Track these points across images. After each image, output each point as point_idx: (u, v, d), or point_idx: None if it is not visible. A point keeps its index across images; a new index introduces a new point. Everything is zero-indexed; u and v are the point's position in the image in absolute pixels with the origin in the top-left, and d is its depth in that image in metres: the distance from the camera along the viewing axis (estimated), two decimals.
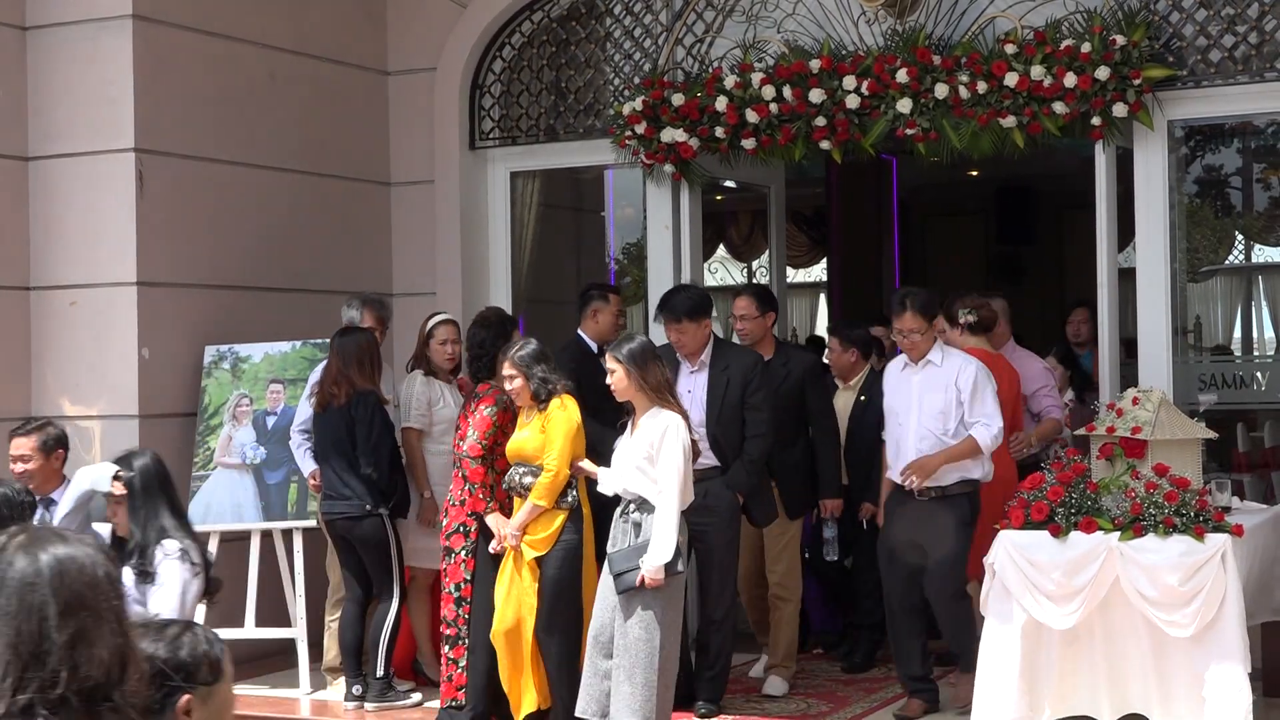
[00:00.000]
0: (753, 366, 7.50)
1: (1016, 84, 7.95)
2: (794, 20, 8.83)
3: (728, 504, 7.36)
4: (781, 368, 7.88)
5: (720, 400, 7.39)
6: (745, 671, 8.25)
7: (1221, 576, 6.33)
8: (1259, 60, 7.99)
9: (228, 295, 8.77)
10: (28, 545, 2.31)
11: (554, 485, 6.82)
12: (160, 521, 5.49)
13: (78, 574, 2.29)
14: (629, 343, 6.67)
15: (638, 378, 6.51)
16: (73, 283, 8.48)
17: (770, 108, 8.56)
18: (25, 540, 2.32)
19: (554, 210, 10.50)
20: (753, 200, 12.93)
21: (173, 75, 8.51)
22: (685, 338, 7.45)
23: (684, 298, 7.56)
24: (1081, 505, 6.61)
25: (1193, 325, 12.13)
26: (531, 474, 6.87)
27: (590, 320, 8.14)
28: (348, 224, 9.58)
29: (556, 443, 6.81)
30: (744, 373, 7.44)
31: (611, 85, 9.47)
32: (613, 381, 6.61)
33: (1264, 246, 13.94)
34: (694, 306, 7.46)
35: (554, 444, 6.81)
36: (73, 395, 8.49)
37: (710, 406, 7.38)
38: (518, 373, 6.84)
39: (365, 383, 7.62)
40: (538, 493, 6.83)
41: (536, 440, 6.88)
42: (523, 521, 6.87)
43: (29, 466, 6.67)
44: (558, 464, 6.81)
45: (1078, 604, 6.50)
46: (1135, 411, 6.87)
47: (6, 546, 2.31)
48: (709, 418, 7.36)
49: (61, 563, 2.28)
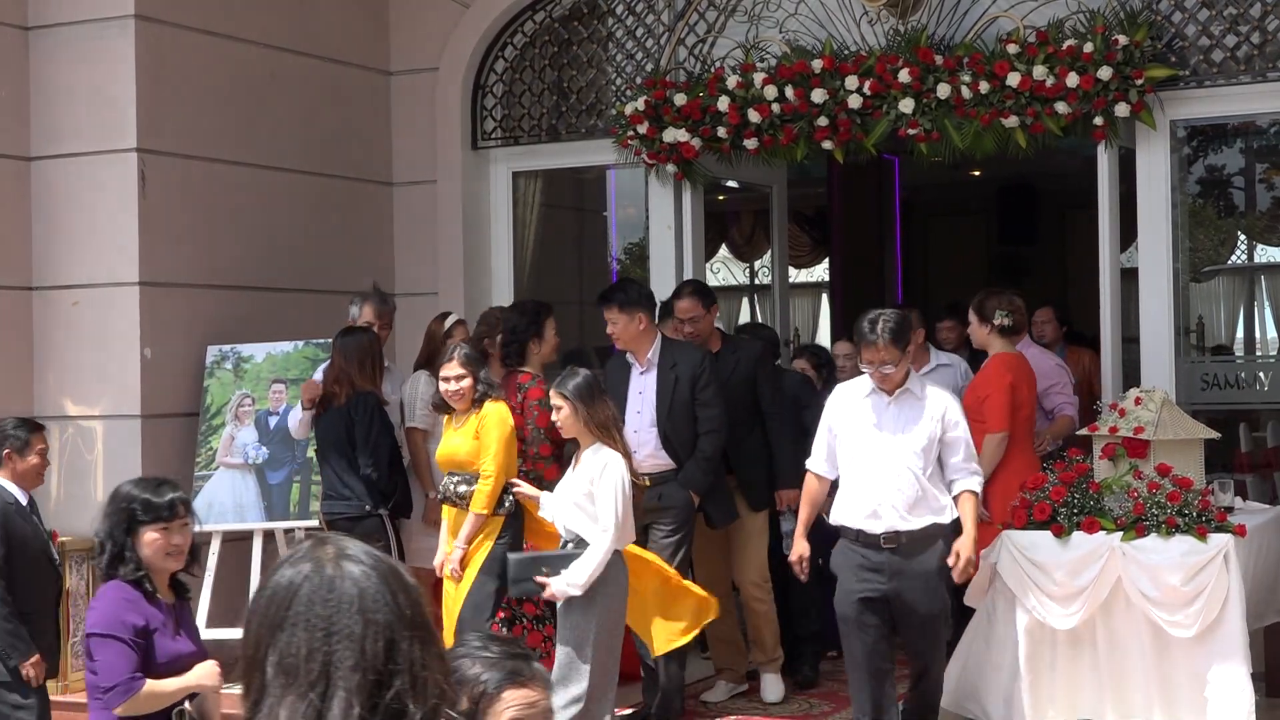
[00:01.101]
0: (700, 362, 7.44)
1: (1019, 84, 7.95)
2: (796, 20, 8.83)
3: (683, 504, 7.32)
4: (730, 357, 7.80)
5: (670, 399, 7.35)
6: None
7: (1224, 577, 6.33)
8: (1261, 60, 7.99)
9: (230, 295, 8.77)
10: (344, 556, 2.07)
11: (494, 492, 6.73)
12: None
13: (405, 587, 2.07)
14: (574, 378, 6.50)
15: (584, 414, 6.42)
16: (75, 283, 8.48)
17: (772, 108, 8.55)
18: (336, 551, 2.08)
19: (556, 210, 10.49)
20: (755, 200, 12.92)
21: (175, 75, 8.51)
22: (616, 328, 7.41)
23: (618, 288, 7.60)
24: (1084, 505, 6.61)
25: (1195, 325, 12.12)
26: (466, 482, 6.77)
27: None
28: (350, 224, 9.58)
29: (492, 447, 6.70)
30: (692, 369, 7.39)
31: (613, 85, 9.47)
32: (559, 419, 6.50)
33: (1266, 246, 13.94)
34: (627, 298, 7.41)
35: (489, 449, 6.71)
36: (75, 395, 8.49)
37: (660, 406, 7.34)
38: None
39: (366, 383, 7.61)
40: (479, 502, 6.73)
41: (470, 446, 6.77)
42: (470, 535, 6.77)
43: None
44: (494, 469, 6.69)
45: (1080, 604, 6.49)
46: (1138, 411, 6.87)
47: (320, 563, 2.06)
48: (659, 417, 7.34)
49: (388, 576, 2.06)
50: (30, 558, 6.42)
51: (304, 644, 2.00)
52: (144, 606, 4.59)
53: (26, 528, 6.46)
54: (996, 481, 7.27)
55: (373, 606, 2.01)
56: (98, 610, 4.61)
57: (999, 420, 7.41)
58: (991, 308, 7.63)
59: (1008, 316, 7.62)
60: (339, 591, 2.02)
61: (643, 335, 7.43)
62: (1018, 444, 7.50)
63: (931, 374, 7.87)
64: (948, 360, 8.42)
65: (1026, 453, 7.50)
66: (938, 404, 6.43)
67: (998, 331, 7.63)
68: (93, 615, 4.62)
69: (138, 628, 4.54)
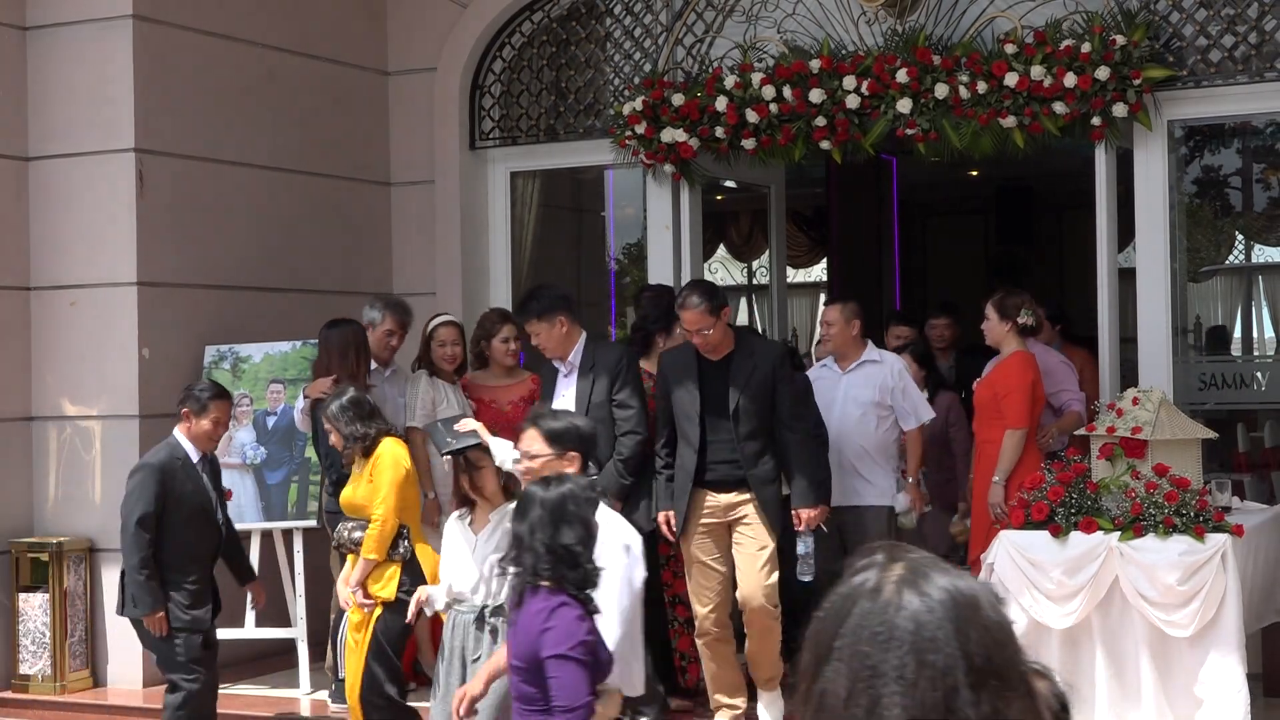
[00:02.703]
0: (617, 362, 7.21)
1: (1016, 84, 7.95)
2: (794, 20, 8.83)
3: None
4: (747, 361, 7.02)
5: (587, 401, 7.08)
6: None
7: (1221, 576, 6.34)
8: (1259, 60, 7.99)
9: (228, 295, 8.77)
10: (912, 579, 1.73)
11: (383, 536, 6.45)
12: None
13: (983, 625, 1.70)
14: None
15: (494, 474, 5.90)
16: (73, 283, 8.48)
17: (770, 108, 8.56)
18: (906, 571, 1.74)
19: (554, 210, 10.50)
20: (753, 200, 12.93)
21: (173, 75, 8.51)
22: (540, 338, 7.19)
23: (530, 298, 7.35)
24: (1081, 505, 6.61)
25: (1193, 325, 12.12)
26: (360, 528, 6.53)
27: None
28: (348, 224, 9.59)
29: (382, 490, 6.45)
30: (609, 370, 7.17)
31: (611, 85, 9.47)
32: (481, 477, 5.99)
33: (1264, 246, 13.93)
34: (542, 306, 7.17)
35: (380, 492, 6.46)
36: (73, 395, 8.49)
37: (578, 409, 6.99)
38: (332, 427, 6.52)
39: (346, 375, 7.57)
40: (368, 546, 6.45)
41: (364, 490, 6.52)
42: (360, 579, 6.47)
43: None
44: (384, 513, 6.44)
45: (1077, 604, 6.50)
46: (1135, 411, 6.88)
47: (881, 583, 1.74)
48: None
49: (960, 610, 1.70)
50: (186, 514, 6.76)
51: (846, 682, 1.69)
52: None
53: (188, 484, 6.78)
54: (1013, 479, 7.31)
55: (929, 646, 1.66)
56: (558, 629, 4.46)
57: (1020, 417, 7.47)
58: (1014, 306, 7.69)
59: (1030, 316, 7.71)
60: (891, 623, 1.69)
61: (565, 339, 7.18)
62: (1029, 441, 7.57)
63: (858, 369, 7.68)
64: (878, 357, 7.78)
65: (1034, 451, 7.55)
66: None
67: (1017, 330, 7.68)
68: (553, 635, 4.47)
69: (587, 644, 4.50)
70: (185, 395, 6.92)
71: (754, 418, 6.95)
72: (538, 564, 4.52)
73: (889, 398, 7.65)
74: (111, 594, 8.37)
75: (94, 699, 8.27)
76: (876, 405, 7.63)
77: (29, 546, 8.36)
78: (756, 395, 6.96)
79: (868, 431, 7.62)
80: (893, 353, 8.12)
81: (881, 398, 7.64)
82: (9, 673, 8.39)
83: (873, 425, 7.64)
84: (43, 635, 8.30)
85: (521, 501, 4.70)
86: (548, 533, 4.51)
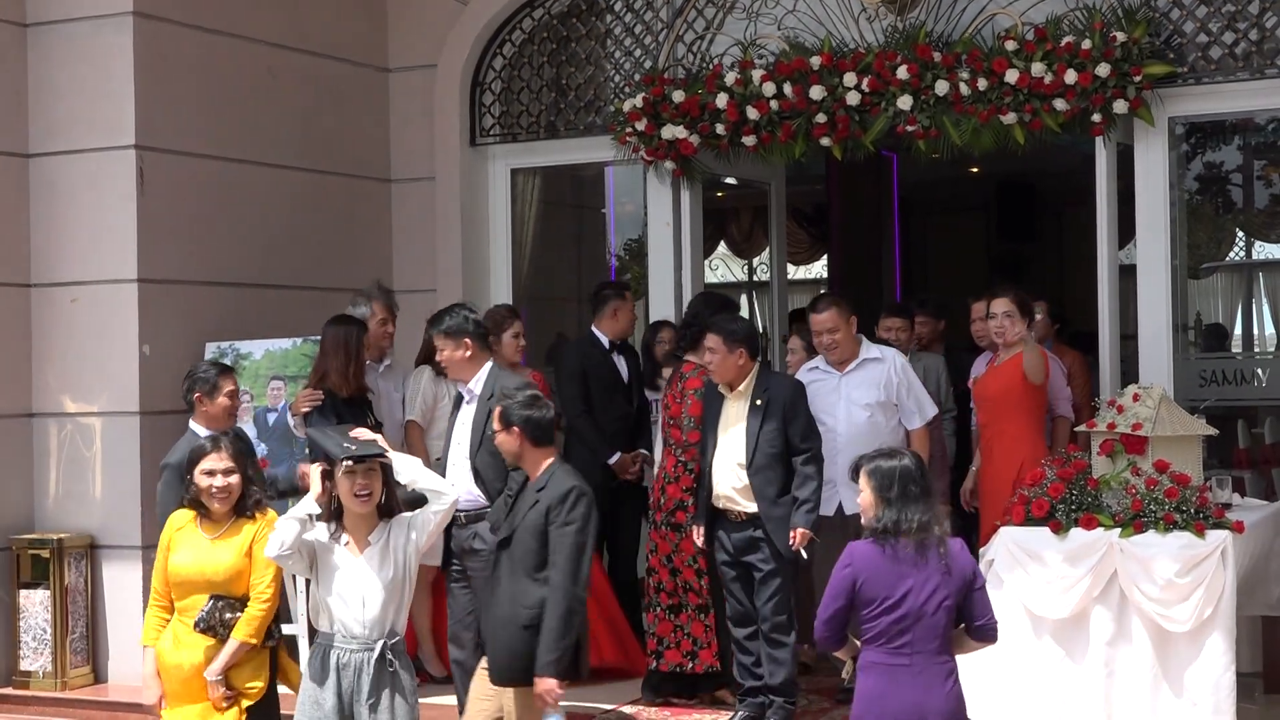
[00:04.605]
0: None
1: (1017, 81, 7.96)
2: (794, 17, 8.83)
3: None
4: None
5: (481, 432, 6.65)
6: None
7: (1221, 572, 6.35)
8: (1259, 57, 7.99)
9: (228, 292, 8.77)
10: None
11: (266, 620, 5.74)
12: None
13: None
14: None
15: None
16: (73, 280, 8.48)
17: (771, 104, 8.56)
18: None
19: (555, 207, 10.50)
20: (753, 197, 12.91)
21: (173, 72, 8.51)
22: (443, 355, 6.91)
23: (444, 314, 7.00)
24: (1082, 501, 6.61)
25: (1194, 322, 12.13)
26: (231, 608, 5.73)
27: (609, 318, 8.49)
28: (348, 221, 9.59)
29: (272, 568, 5.69)
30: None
31: (612, 82, 9.47)
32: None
33: (1265, 243, 13.94)
34: (453, 324, 6.84)
35: (271, 569, 5.71)
36: (74, 392, 8.50)
37: (472, 440, 6.72)
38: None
39: (336, 375, 7.58)
40: (248, 629, 5.70)
41: (237, 563, 5.76)
42: (227, 663, 5.71)
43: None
44: (274, 593, 5.74)
45: (1074, 593, 6.50)
46: (1136, 408, 6.88)
47: None
48: (471, 452, 6.72)
49: None
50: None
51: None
52: None
53: None
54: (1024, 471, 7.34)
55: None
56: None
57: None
58: (1031, 305, 7.79)
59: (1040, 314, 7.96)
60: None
61: (468, 363, 6.85)
62: (1039, 433, 7.73)
63: (858, 369, 7.59)
64: (878, 354, 7.66)
65: (1036, 446, 7.58)
66: None
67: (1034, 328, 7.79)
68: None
69: None
70: (191, 382, 6.85)
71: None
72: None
73: (894, 395, 7.55)
74: (113, 591, 8.39)
75: (95, 695, 8.27)
76: (882, 405, 7.53)
77: (30, 543, 8.36)
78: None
79: (880, 433, 7.33)
80: (891, 347, 7.94)
81: (887, 396, 7.53)
82: (10, 669, 8.39)
83: (883, 426, 7.47)
84: (44, 632, 8.30)
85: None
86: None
